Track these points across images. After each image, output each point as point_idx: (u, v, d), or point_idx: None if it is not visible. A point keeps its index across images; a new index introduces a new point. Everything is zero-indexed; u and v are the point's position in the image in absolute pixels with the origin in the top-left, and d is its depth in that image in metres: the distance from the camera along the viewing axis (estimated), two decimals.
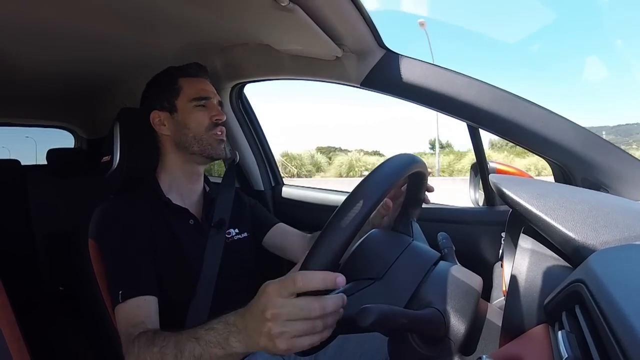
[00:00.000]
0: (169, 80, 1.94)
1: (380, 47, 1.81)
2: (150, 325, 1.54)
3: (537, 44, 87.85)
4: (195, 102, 1.90)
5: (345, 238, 0.94)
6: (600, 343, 0.59)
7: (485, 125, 1.70)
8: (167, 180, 1.94)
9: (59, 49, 2.20)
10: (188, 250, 1.83)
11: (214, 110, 1.93)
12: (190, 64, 2.00)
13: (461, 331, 1.04)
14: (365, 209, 0.94)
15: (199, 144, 1.88)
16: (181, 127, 1.89)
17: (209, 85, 1.99)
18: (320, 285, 0.94)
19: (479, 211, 2.07)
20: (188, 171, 1.95)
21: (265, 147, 2.84)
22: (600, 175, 1.53)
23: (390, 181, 1.01)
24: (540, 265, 0.96)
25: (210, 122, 1.90)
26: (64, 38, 2.04)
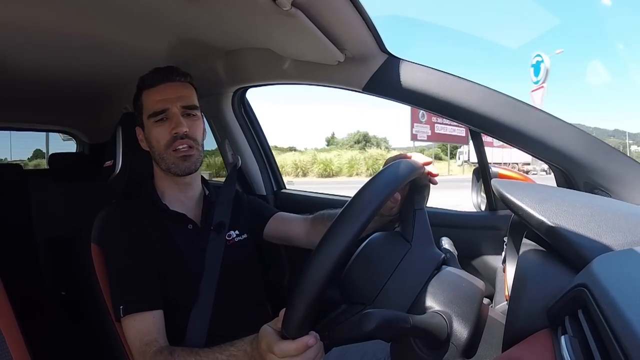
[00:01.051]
0: (136, 95, 1.91)
1: (382, 51, 1.81)
2: (162, 341, 1.57)
3: (540, 49, 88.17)
4: (152, 118, 1.83)
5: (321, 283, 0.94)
6: (603, 348, 0.59)
7: (487, 130, 1.70)
8: (161, 188, 1.93)
9: (61, 54, 2.20)
10: (188, 254, 1.82)
11: (172, 122, 1.81)
12: (150, 71, 1.90)
13: (464, 336, 1.04)
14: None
15: (163, 162, 1.84)
16: (150, 145, 1.87)
17: (171, 90, 1.85)
18: (294, 353, 1.06)
19: (481, 216, 2.07)
20: (175, 182, 1.92)
21: (267, 151, 2.83)
22: (602, 179, 1.53)
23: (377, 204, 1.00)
24: (543, 269, 0.96)
25: (169, 137, 1.81)
26: (66, 43, 2.04)
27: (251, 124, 2.74)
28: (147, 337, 1.57)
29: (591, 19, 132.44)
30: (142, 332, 1.59)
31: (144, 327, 1.60)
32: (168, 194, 1.92)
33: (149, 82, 1.87)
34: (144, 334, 1.58)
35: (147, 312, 1.62)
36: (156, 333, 1.59)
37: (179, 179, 1.90)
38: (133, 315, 1.61)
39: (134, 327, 1.60)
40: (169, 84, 1.87)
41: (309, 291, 0.94)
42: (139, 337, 1.58)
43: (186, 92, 1.89)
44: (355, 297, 1.15)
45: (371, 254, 1.24)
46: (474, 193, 2.23)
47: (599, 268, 0.72)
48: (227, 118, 2.60)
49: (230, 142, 2.67)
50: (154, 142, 1.84)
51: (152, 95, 1.85)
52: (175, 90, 1.87)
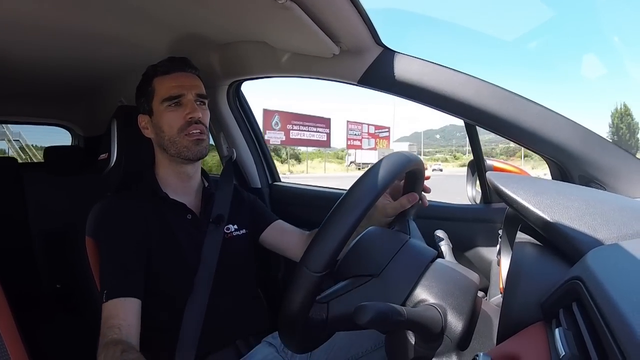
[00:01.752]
0: (145, 82, 1.93)
1: (378, 44, 1.81)
2: (125, 330, 1.56)
3: (535, 41, 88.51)
4: (166, 103, 1.86)
5: (342, 236, 0.94)
6: (598, 340, 0.59)
7: (482, 123, 1.70)
8: (162, 177, 1.93)
9: (55, 47, 2.20)
10: (185, 244, 1.83)
11: (187, 107, 1.86)
12: (164, 60, 1.94)
13: (458, 328, 1.04)
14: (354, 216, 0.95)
15: (174, 146, 1.85)
16: (158, 131, 1.88)
17: (186, 79, 1.92)
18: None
19: (476, 209, 2.07)
20: (176, 171, 1.93)
21: (262, 144, 2.83)
22: (597, 172, 1.53)
23: (383, 184, 1.01)
24: (538, 262, 0.96)
25: (183, 122, 1.85)
26: (60, 35, 2.04)
27: (246, 117, 2.74)
28: (110, 321, 1.57)
29: (587, 12, 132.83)
30: (109, 316, 1.59)
31: (113, 311, 1.60)
32: (169, 184, 1.93)
33: (163, 70, 1.90)
34: (109, 317, 1.58)
35: (121, 297, 1.63)
36: (121, 319, 1.58)
37: (182, 168, 1.93)
38: (111, 301, 1.61)
39: (106, 310, 1.61)
40: (182, 73, 1.92)
41: (337, 227, 0.95)
42: (105, 319, 1.58)
43: (198, 82, 1.94)
44: (359, 271, 1.15)
45: (373, 237, 1.25)
46: (469, 186, 2.23)
47: (594, 261, 0.73)
48: (222, 111, 2.60)
49: (225, 135, 2.67)
50: (165, 127, 1.85)
51: (167, 81, 1.88)
52: (189, 79, 1.92)
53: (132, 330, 1.59)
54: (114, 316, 1.58)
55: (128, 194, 1.92)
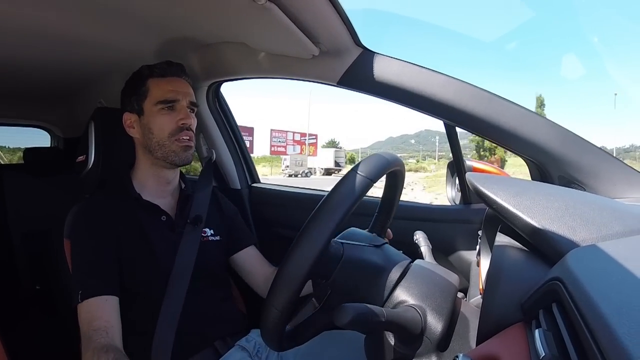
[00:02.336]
0: (138, 81, 1.91)
1: (357, 45, 1.81)
2: (111, 332, 1.56)
3: (514, 42, 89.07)
4: (160, 105, 1.84)
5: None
6: (578, 341, 0.59)
7: (462, 124, 1.71)
8: (139, 179, 1.92)
9: (35, 48, 2.18)
10: (159, 246, 1.82)
11: (181, 113, 1.86)
12: (162, 63, 1.94)
13: (438, 329, 1.05)
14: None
15: (162, 149, 1.85)
16: (147, 131, 1.87)
17: (181, 85, 1.92)
18: None
19: (455, 209, 2.07)
20: (156, 175, 1.92)
21: (241, 145, 2.82)
22: (576, 173, 1.54)
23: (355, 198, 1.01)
24: (517, 263, 0.97)
25: (175, 127, 1.84)
26: (40, 37, 2.02)
27: (226, 118, 2.73)
28: (96, 322, 1.56)
29: (566, 12, 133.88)
30: (92, 316, 1.58)
31: (95, 311, 1.59)
32: (145, 186, 1.92)
33: (160, 72, 1.90)
34: (93, 318, 1.57)
35: (101, 296, 1.62)
36: (105, 321, 1.58)
37: (162, 172, 1.92)
38: (88, 300, 1.60)
39: (86, 311, 1.60)
40: (178, 79, 1.92)
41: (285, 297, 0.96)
42: (89, 320, 1.57)
43: (191, 90, 1.95)
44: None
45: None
46: (448, 187, 2.24)
47: (573, 262, 0.73)
48: (202, 112, 2.59)
49: (204, 136, 2.66)
50: (156, 129, 1.84)
51: (164, 84, 1.88)
52: (184, 86, 1.93)
53: (117, 332, 1.59)
54: (97, 317, 1.57)
55: (102, 195, 1.90)
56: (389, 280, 1.14)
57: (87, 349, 1.50)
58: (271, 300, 0.98)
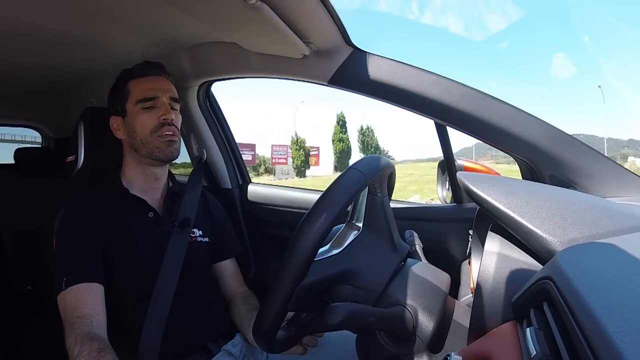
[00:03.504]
0: (120, 84, 1.93)
1: (348, 44, 1.81)
2: (95, 320, 1.56)
3: (505, 41, 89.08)
4: (141, 104, 1.87)
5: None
6: (569, 340, 0.59)
7: (452, 123, 1.71)
8: (128, 177, 1.94)
9: (25, 48, 2.17)
10: (143, 243, 1.82)
11: (161, 109, 1.88)
12: (140, 63, 1.97)
13: (429, 329, 1.05)
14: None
15: (146, 147, 1.86)
16: (131, 131, 1.88)
17: (160, 82, 1.94)
18: None
19: (446, 209, 2.07)
20: (144, 172, 1.93)
21: (232, 145, 2.81)
22: (567, 172, 1.55)
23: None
24: (508, 262, 0.97)
25: (157, 123, 1.86)
26: (29, 36, 2.01)
27: (216, 118, 2.73)
28: (80, 310, 1.57)
29: (557, 11, 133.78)
30: (76, 303, 1.59)
31: (79, 298, 1.60)
32: (134, 183, 1.93)
33: (139, 72, 1.93)
34: (77, 305, 1.58)
35: (86, 283, 1.64)
36: (90, 308, 1.58)
37: (150, 170, 1.93)
38: (73, 287, 1.62)
39: (71, 298, 1.61)
40: (157, 77, 1.94)
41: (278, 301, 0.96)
42: (72, 307, 1.58)
43: (171, 87, 1.97)
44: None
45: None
46: (439, 186, 2.24)
47: (564, 260, 0.73)
48: (193, 112, 2.58)
49: (195, 135, 2.66)
50: (138, 127, 1.86)
51: (143, 84, 1.90)
52: (164, 83, 1.95)
53: (101, 320, 1.59)
54: (82, 304, 1.58)
55: (89, 191, 1.91)
56: (378, 282, 1.14)
57: (70, 336, 1.51)
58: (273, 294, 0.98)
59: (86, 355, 1.42)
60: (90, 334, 1.50)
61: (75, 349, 1.45)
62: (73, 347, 1.46)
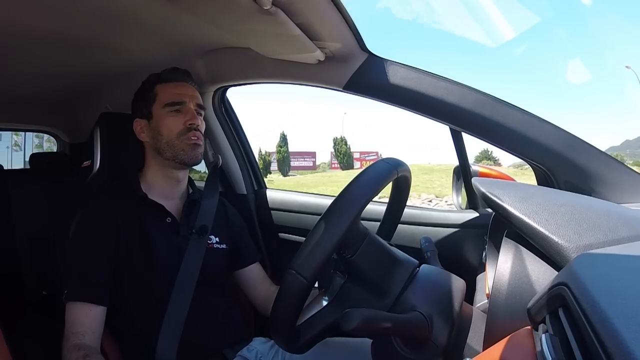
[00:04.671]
0: (147, 88, 1.94)
1: (363, 50, 1.81)
2: (89, 336, 1.63)
3: (521, 47, 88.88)
4: (168, 108, 1.88)
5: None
6: (584, 346, 0.59)
7: (467, 129, 1.70)
8: (148, 180, 1.93)
9: (41, 53, 2.18)
10: (159, 248, 1.82)
11: (188, 114, 1.89)
12: (168, 69, 1.98)
13: (445, 334, 1.05)
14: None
15: (171, 149, 1.86)
16: (156, 134, 1.88)
17: (187, 89, 1.95)
18: None
19: (461, 214, 2.06)
20: (167, 176, 1.93)
21: (247, 150, 2.81)
22: (582, 178, 1.54)
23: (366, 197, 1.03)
24: (524, 268, 0.96)
25: (183, 127, 1.86)
26: (46, 42, 2.03)
27: (232, 123, 2.72)
28: (75, 327, 1.63)
29: (571, 18, 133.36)
30: (74, 321, 1.65)
31: (77, 316, 1.65)
32: (153, 187, 1.93)
33: (167, 77, 1.94)
34: (74, 323, 1.64)
35: (86, 303, 1.67)
36: (86, 327, 1.63)
37: (173, 173, 1.94)
38: (74, 303, 1.66)
39: (70, 313, 1.67)
40: (184, 83, 1.96)
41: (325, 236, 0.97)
42: (70, 324, 1.65)
43: (197, 94, 1.99)
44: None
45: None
46: (454, 192, 2.23)
47: (580, 266, 0.73)
48: (208, 117, 2.57)
49: (210, 141, 2.65)
50: (164, 130, 1.87)
51: (171, 88, 1.92)
52: (190, 90, 1.97)
53: (96, 337, 1.65)
54: (80, 323, 1.64)
55: (105, 196, 1.91)
56: (394, 288, 1.14)
57: (64, 348, 1.61)
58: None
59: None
60: (79, 344, 1.57)
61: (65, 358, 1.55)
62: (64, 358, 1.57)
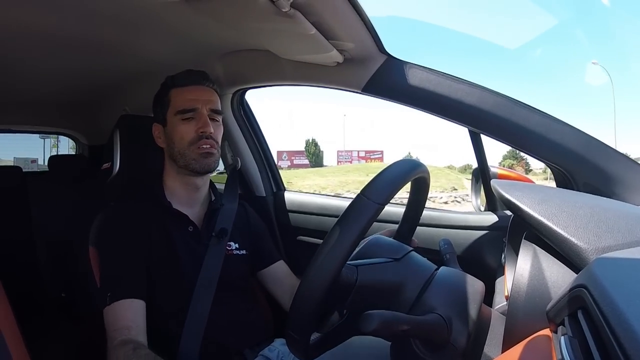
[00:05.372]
0: (163, 92, 1.93)
1: (382, 52, 1.81)
2: (134, 331, 1.59)
3: (539, 49, 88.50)
4: (180, 115, 1.84)
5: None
6: (603, 348, 0.59)
7: (486, 131, 1.70)
8: (170, 187, 1.93)
9: (60, 56, 2.20)
10: (184, 257, 1.82)
11: (200, 121, 1.85)
12: (182, 72, 1.94)
13: (464, 336, 1.04)
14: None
15: (183, 158, 1.84)
16: (170, 141, 1.88)
17: (202, 93, 1.90)
18: None
19: (480, 216, 2.06)
20: (185, 183, 1.93)
21: (266, 152, 2.81)
22: (602, 180, 1.53)
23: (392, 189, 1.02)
24: (543, 270, 0.96)
25: (195, 135, 1.83)
26: (65, 45, 2.04)
27: (250, 126, 2.73)
28: (118, 323, 1.59)
29: (590, 19, 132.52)
30: (115, 318, 1.61)
31: (119, 313, 1.62)
32: (175, 194, 1.93)
33: (181, 82, 1.90)
34: (116, 320, 1.60)
35: (127, 299, 1.65)
36: (130, 321, 1.60)
37: (190, 180, 1.92)
38: (115, 303, 1.63)
39: (111, 313, 1.63)
40: (199, 87, 1.91)
41: (313, 295, 0.95)
42: (112, 322, 1.61)
43: (214, 97, 1.94)
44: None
45: (375, 251, 1.25)
46: (473, 194, 2.23)
47: (599, 268, 0.72)
48: (226, 119, 2.57)
49: (229, 143, 2.66)
50: (176, 138, 1.85)
51: (184, 93, 1.88)
52: (205, 93, 1.91)
53: (141, 331, 1.61)
54: (121, 318, 1.61)
55: (131, 202, 1.91)
56: (412, 290, 1.14)
57: (109, 348, 1.55)
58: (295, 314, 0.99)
59: (122, 357, 1.46)
60: (125, 340, 1.53)
61: (113, 357, 1.50)
62: (111, 357, 1.51)
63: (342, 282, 1.09)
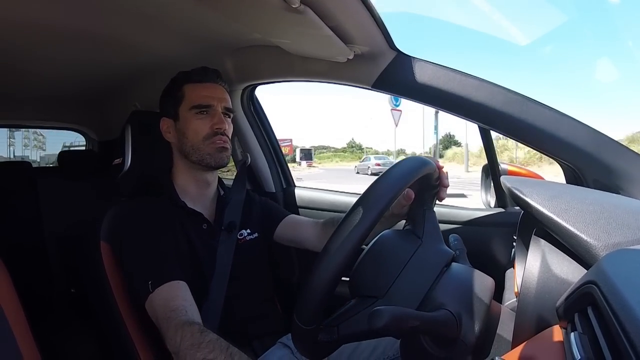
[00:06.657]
0: (175, 87, 1.93)
1: (392, 48, 1.81)
2: (190, 310, 1.54)
3: (550, 45, 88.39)
4: (195, 110, 1.87)
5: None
6: (613, 344, 0.59)
7: (496, 127, 1.70)
8: (180, 184, 1.94)
9: (70, 51, 2.21)
10: (202, 253, 1.83)
11: (215, 118, 1.87)
12: (198, 69, 1.95)
13: (474, 333, 1.04)
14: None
15: (196, 153, 1.85)
16: (181, 136, 1.88)
17: (216, 90, 1.93)
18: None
19: (490, 213, 2.06)
20: (195, 178, 1.94)
21: (276, 148, 2.83)
22: (612, 176, 1.52)
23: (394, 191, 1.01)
24: (552, 267, 0.96)
25: (210, 131, 1.86)
26: (75, 40, 2.05)
27: (260, 121, 2.74)
28: (172, 303, 1.55)
29: (600, 16, 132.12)
30: (167, 299, 1.57)
31: (170, 294, 1.59)
32: (187, 192, 1.94)
33: (196, 78, 1.92)
34: (169, 300, 1.56)
35: (173, 281, 1.62)
36: (185, 300, 1.57)
37: (201, 175, 1.94)
38: (160, 288, 1.60)
39: (160, 297, 1.58)
40: (214, 84, 1.93)
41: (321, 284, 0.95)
42: (164, 304, 1.56)
43: (227, 96, 1.96)
44: (365, 291, 1.15)
45: (382, 249, 1.24)
46: (483, 190, 2.23)
47: (609, 265, 0.72)
48: (237, 115, 2.58)
49: (239, 139, 2.67)
50: (190, 133, 1.86)
51: (199, 89, 1.90)
52: (219, 91, 1.94)
53: (195, 311, 1.58)
54: (173, 297, 1.57)
55: (146, 200, 1.91)
56: (424, 283, 1.14)
57: (168, 329, 1.48)
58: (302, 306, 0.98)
59: (189, 337, 1.41)
60: (188, 321, 1.48)
61: (177, 337, 1.43)
62: (174, 337, 1.44)
63: (322, 343, 1.06)
